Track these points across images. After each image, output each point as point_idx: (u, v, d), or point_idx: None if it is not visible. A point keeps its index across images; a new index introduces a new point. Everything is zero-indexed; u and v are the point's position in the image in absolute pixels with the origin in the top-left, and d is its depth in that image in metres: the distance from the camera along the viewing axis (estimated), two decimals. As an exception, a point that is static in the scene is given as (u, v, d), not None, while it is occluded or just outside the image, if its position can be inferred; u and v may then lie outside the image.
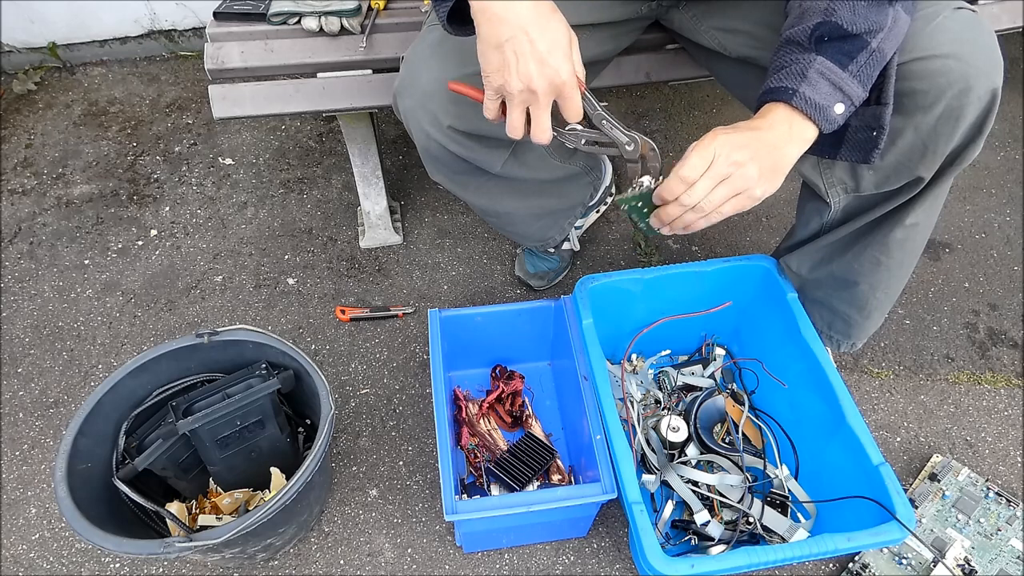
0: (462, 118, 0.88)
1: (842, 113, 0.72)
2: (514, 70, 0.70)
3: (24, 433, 1.17)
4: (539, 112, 0.72)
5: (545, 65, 0.69)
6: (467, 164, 0.95)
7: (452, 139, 0.89)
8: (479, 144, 0.93)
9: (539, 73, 0.69)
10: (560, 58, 0.69)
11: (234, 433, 0.96)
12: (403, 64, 0.90)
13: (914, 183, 0.84)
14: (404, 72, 0.89)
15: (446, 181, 1.02)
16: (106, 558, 1.04)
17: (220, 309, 1.36)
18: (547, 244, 1.30)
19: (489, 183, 1.03)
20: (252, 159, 1.69)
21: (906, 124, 0.78)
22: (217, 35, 1.08)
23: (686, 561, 0.80)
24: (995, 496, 1.07)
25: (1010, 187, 1.62)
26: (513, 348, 1.19)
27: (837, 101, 0.71)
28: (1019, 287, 1.41)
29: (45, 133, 1.74)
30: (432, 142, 0.90)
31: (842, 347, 1.11)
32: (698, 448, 1.06)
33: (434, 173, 1.00)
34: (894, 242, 0.92)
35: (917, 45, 0.74)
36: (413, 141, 0.94)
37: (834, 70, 0.71)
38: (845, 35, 0.71)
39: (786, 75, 0.72)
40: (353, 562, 1.03)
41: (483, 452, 1.10)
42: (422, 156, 0.97)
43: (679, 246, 1.50)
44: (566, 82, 0.70)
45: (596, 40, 0.99)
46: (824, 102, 0.71)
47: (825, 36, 0.71)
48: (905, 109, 0.77)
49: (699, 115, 1.82)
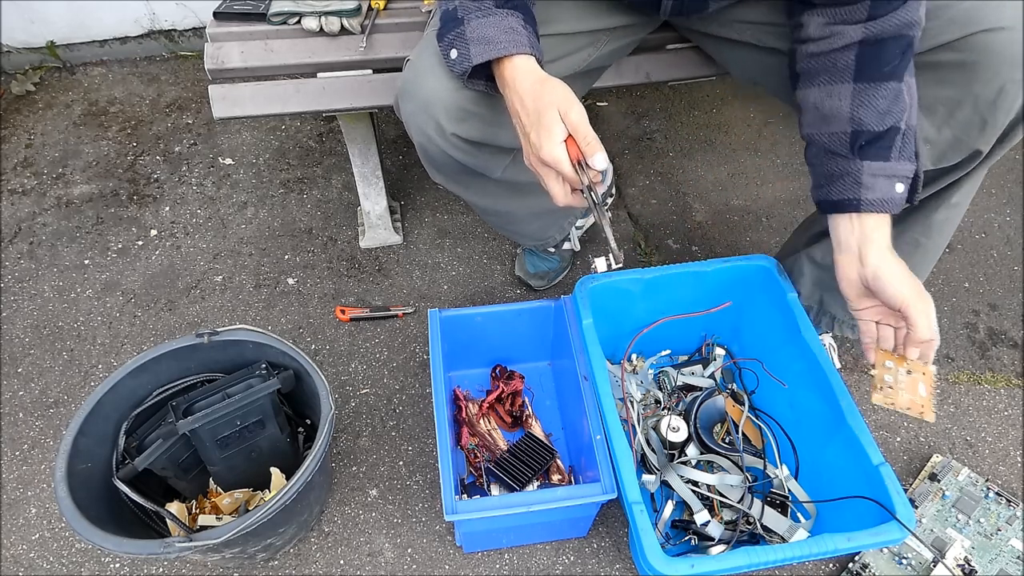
0: (467, 126, 0.87)
1: (903, 191, 0.79)
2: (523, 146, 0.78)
3: (24, 433, 1.17)
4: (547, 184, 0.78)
5: (530, 143, 0.75)
6: (468, 167, 0.95)
7: (455, 146, 0.89)
8: (482, 151, 0.92)
9: (528, 152, 0.77)
10: (542, 137, 0.73)
11: (234, 433, 0.96)
12: (407, 67, 0.90)
13: (970, 158, 0.84)
14: (408, 76, 0.88)
15: (446, 182, 1.02)
16: (106, 558, 1.04)
17: (220, 309, 1.36)
18: (547, 243, 1.30)
19: (489, 184, 1.03)
20: (252, 159, 1.69)
21: (964, 97, 0.78)
22: (217, 35, 1.08)
23: (686, 561, 0.80)
24: (995, 496, 1.07)
25: (1010, 187, 1.62)
26: (513, 348, 1.19)
27: (895, 185, 0.78)
28: (1019, 287, 1.41)
29: (45, 133, 1.74)
30: (434, 147, 0.90)
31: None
32: (698, 448, 1.06)
33: (434, 175, 1.00)
34: (935, 223, 0.93)
35: (980, 17, 0.75)
36: (414, 144, 0.94)
37: (882, 167, 0.78)
38: (878, 135, 0.77)
39: (843, 187, 0.80)
40: (353, 562, 1.03)
41: (483, 452, 1.10)
42: (423, 160, 0.97)
43: (679, 246, 1.50)
44: (547, 159, 0.74)
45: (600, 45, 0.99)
46: (886, 195, 0.78)
47: (861, 143, 0.78)
48: (964, 82, 0.77)
49: (699, 115, 1.82)
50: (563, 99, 0.73)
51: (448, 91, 0.84)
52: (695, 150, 1.73)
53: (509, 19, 0.77)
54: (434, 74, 0.85)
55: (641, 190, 1.62)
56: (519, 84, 0.75)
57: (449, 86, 0.84)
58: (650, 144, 1.74)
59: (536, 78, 0.75)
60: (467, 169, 0.96)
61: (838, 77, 0.80)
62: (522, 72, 0.76)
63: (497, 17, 0.76)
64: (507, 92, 0.77)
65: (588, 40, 0.98)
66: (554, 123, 0.73)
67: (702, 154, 1.72)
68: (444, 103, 0.85)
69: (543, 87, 0.75)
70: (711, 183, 1.64)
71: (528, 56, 0.76)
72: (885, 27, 0.76)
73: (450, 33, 0.79)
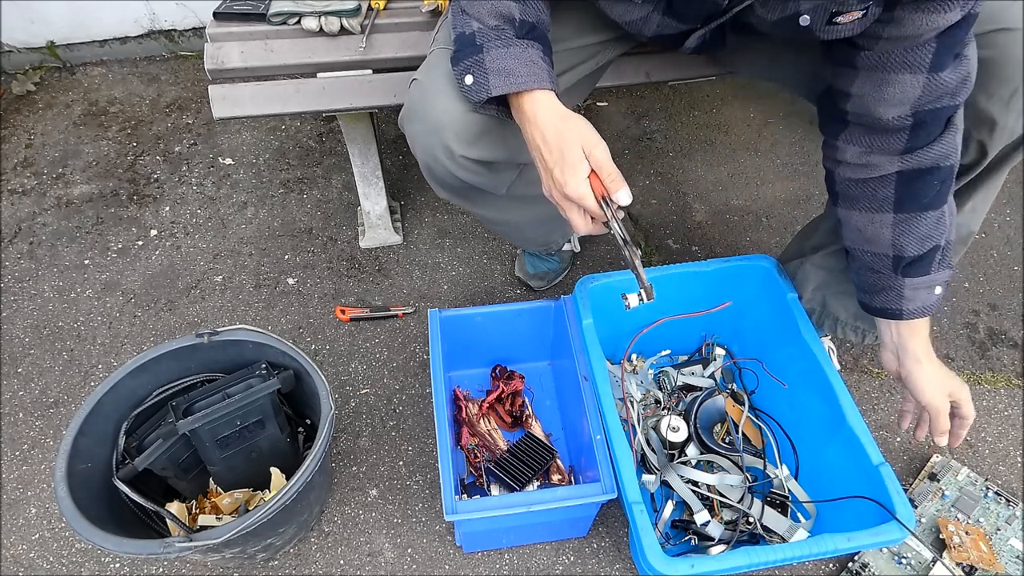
0: (476, 148, 0.85)
1: (941, 293, 0.85)
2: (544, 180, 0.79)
3: (24, 433, 1.17)
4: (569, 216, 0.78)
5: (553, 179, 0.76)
6: (475, 187, 0.94)
7: (463, 167, 0.87)
8: (488, 170, 0.91)
9: (549, 186, 0.78)
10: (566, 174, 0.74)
11: (234, 433, 0.96)
12: (414, 86, 0.87)
13: (978, 161, 0.83)
14: (416, 96, 0.86)
15: (452, 198, 1.00)
16: (106, 558, 1.04)
17: (220, 309, 1.36)
18: (549, 248, 1.30)
19: (495, 198, 1.01)
20: (252, 159, 1.69)
21: (979, 92, 0.76)
22: (217, 35, 1.08)
23: (686, 561, 0.80)
24: (995, 496, 1.07)
25: (1010, 187, 1.62)
26: (513, 348, 1.19)
27: (934, 290, 0.84)
28: (1019, 287, 1.41)
29: (45, 133, 1.74)
30: (441, 167, 0.88)
31: (867, 339, 1.10)
32: (698, 448, 1.06)
33: (439, 191, 0.98)
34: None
35: (1002, 16, 0.74)
36: (418, 162, 0.92)
37: (923, 280, 0.83)
38: (920, 257, 0.82)
39: (886, 299, 0.86)
40: (353, 562, 1.03)
41: (483, 452, 1.10)
42: (427, 177, 0.94)
43: (679, 246, 1.50)
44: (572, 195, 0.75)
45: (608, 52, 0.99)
46: (926, 303, 0.84)
47: (904, 265, 0.83)
48: (979, 79, 0.75)
49: (699, 115, 1.82)
50: (587, 136, 0.74)
51: (459, 113, 0.82)
52: (695, 150, 1.73)
53: (530, 51, 0.75)
54: (445, 96, 0.82)
55: (641, 190, 1.62)
56: (540, 119, 0.75)
57: (460, 108, 0.82)
58: (650, 144, 1.74)
59: (558, 114, 0.75)
60: (473, 187, 0.94)
61: (878, 207, 0.82)
62: (543, 108, 0.75)
63: (518, 48, 0.75)
64: (527, 127, 0.77)
65: (596, 50, 0.97)
66: (579, 161, 0.73)
67: (702, 154, 1.72)
68: (455, 126, 0.83)
69: (566, 124, 0.74)
70: (711, 183, 1.64)
71: (548, 91, 0.76)
72: (923, 160, 0.77)
73: (467, 59, 0.77)
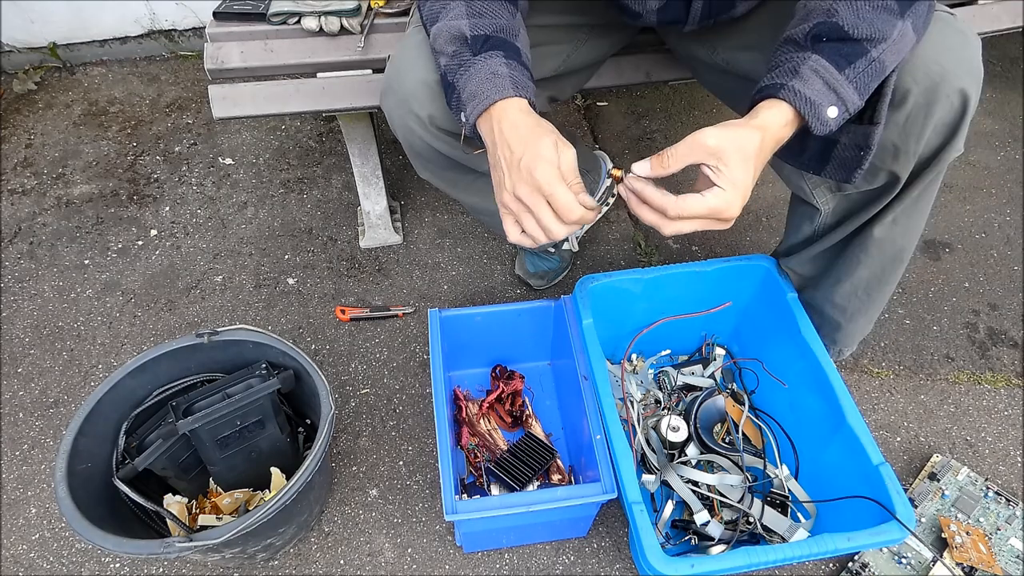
0: (448, 117, 0.86)
1: (835, 117, 0.68)
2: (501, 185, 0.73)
3: (24, 433, 1.17)
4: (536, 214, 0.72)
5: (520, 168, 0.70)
6: (454, 161, 0.95)
7: (437, 137, 0.89)
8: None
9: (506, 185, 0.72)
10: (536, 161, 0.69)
11: (234, 433, 0.96)
12: (389, 64, 0.90)
13: (893, 183, 0.84)
14: (390, 72, 0.88)
15: (434, 178, 1.01)
16: (106, 558, 1.04)
17: (220, 309, 1.36)
18: (544, 244, 1.30)
19: (478, 181, 1.02)
20: (252, 159, 1.69)
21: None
22: (217, 35, 1.08)
23: (686, 561, 0.80)
24: (995, 495, 1.07)
25: (1010, 187, 1.62)
26: (513, 348, 1.19)
27: (831, 104, 0.67)
28: (1019, 287, 1.41)
29: (45, 133, 1.74)
30: (417, 139, 0.90)
31: (829, 353, 1.10)
32: (698, 448, 1.06)
33: (421, 170, 1.00)
34: (872, 240, 0.92)
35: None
36: (399, 139, 0.93)
37: (829, 69, 0.67)
38: (844, 37, 0.67)
39: (779, 73, 0.69)
40: (353, 562, 1.03)
41: (483, 452, 1.10)
42: (408, 154, 0.97)
43: (679, 246, 1.50)
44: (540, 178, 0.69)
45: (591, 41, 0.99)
46: (817, 99, 0.67)
47: (823, 36, 0.68)
48: None
49: (699, 115, 1.82)
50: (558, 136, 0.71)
51: (429, 83, 0.84)
52: (695, 150, 1.72)
53: (489, 62, 0.73)
54: (416, 67, 0.84)
55: (641, 190, 1.62)
56: (507, 120, 0.72)
57: (430, 79, 0.83)
58: (650, 144, 1.74)
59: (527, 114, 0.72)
60: (454, 164, 0.95)
61: None
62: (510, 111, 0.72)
63: (478, 66, 0.73)
64: (491, 134, 0.73)
65: (566, 35, 0.97)
66: (550, 151, 0.69)
67: (702, 154, 1.71)
68: (427, 95, 0.84)
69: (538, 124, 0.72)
70: (711, 183, 1.64)
71: (514, 99, 0.72)
72: None
73: (452, 100, 0.77)
